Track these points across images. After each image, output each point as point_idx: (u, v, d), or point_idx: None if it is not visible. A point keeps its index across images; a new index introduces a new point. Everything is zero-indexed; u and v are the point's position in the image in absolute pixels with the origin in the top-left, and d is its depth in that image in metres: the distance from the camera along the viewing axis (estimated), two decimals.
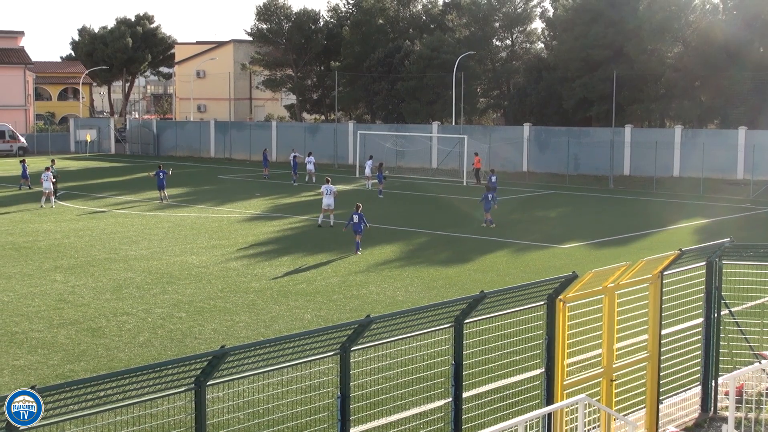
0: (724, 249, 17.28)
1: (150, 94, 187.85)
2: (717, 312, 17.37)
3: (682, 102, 78.24)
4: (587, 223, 47.79)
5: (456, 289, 30.13)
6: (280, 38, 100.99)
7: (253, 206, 53.34)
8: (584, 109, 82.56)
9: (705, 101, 79.90)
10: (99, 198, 56.96)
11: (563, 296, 14.37)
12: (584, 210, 54.04)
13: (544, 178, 71.67)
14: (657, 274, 16.18)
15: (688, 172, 68.79)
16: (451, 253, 37.81)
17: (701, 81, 78.18)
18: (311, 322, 25.49)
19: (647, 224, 46.59)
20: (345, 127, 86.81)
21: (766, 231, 44.49)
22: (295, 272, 32.92)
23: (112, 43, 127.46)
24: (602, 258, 35.92)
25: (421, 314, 12.91)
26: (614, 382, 15.55)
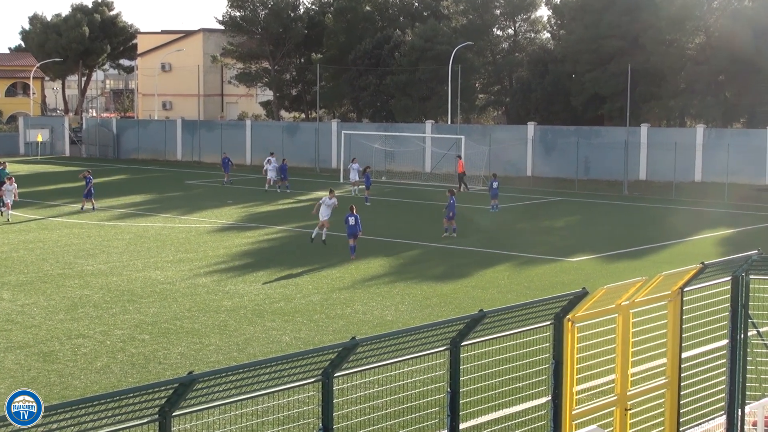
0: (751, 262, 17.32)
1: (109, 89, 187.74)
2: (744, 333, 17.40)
3: (705, 98, 78.49)
4: (599, 233, 47.88)
5: (452, 307, 30.14)
6: (256, 27, 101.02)
7: (224, 215, 53.30)
8: (595, 106, 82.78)
9: (730, 98, 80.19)
10: (52, 206, 56.87)
11: (572, 315, 14.39)
12: (595, 219, 54.14)
13: (551, 183, 71.81)
14: (677, 291, 16.20)
15: (711, 176, 68.97)
16: (446, 268, 37.82)
17: (726, 75, 78.47)
18: (290, 345, 25.47)
19: (666, 235, 46.69)
20: (328, 127, 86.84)
21: None
22: (272, 289, 32.89)
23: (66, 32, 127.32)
24: (615, 273, 35.97)
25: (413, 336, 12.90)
26: (629, 411, 15.55)
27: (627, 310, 15.29)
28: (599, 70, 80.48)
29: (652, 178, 71.41)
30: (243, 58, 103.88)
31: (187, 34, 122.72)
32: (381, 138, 79.57)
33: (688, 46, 79.99)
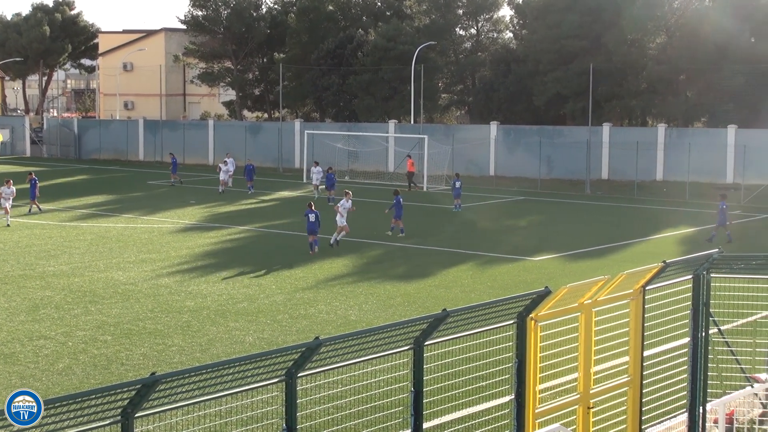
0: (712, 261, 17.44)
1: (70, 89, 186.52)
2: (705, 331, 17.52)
3: (666, 98, 78.98)
4: (561, 232, 48.07)
5: (415, 307, 30.18)
6: (218, 26, 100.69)
7: (187, 215, 53.12)
8: (558, 105, 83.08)
9: (691, 97, 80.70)
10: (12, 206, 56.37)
11: (535, 314, 14.44)
12: (558, 218, 54.35)
13: (514, 182, 72.02)
14: (638, 290, 16.30)
15: (672, 175, 69.42)
16: (410, 267, 37.87)
17: (687, 75, 78.98)
18: (253, 345, 25.42)
19: (628, 234, 46.94)
20: (291, 127, 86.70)
21: (758, 240, 44.99)
22: (235, 289, 32.82)
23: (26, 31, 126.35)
24: (578, 272, 36.13)
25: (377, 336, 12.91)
26: (592, 409, 15.63)
27: (589, 308, 15.36)
28: (561, 69, 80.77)
29: (614, 177, 71.79)
30: (205, 58, 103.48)
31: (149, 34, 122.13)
32: (344, 138, 79.52)
33: (649, 46, 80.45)
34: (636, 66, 79.26)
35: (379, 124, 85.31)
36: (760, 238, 46.16)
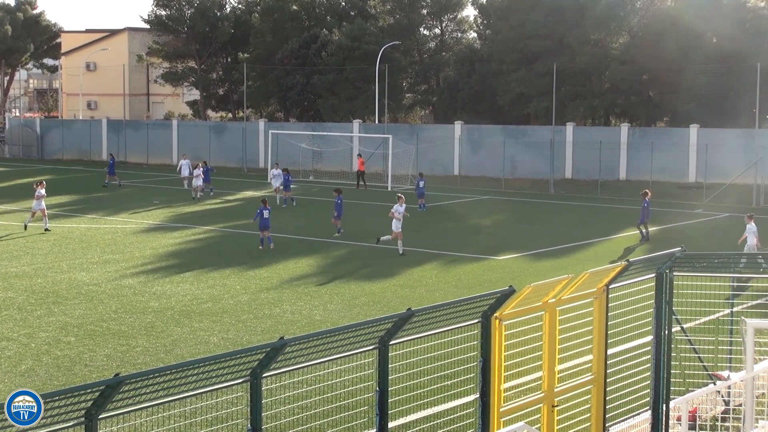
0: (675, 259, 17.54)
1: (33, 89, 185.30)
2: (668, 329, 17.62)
3: (629, 98, 79.37)
4: (525, 232, 48.21)
5: (380, 306, 30.19)
6: (181, 26, 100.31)
7: (151, 216, 52.90)
8: (521, 105, 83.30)
9: (654, 97, 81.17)
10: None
11: (499, 313, 14.47)
12: (522, 217, 54.52)
13: (478, 182, 72.16)
14: (602, 288, 16.37)
15: (635, 174, 69.80)
16: (374, 267, 37.87)
17: (649, 75, 79.38)
18: (218, 345, 25.35)
19: (591, 233, 47.14)
20: (255, 126, 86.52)
21: (720, 239, 45.25)
22: (199, 290, 32.71)
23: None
24: (542, 271, 36.25)
25: (342, 335, 12.90)
26: (556, 407, 15.68)
27: (553, 307, 15.42)
28: (525, 69, 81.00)
29: (578, 176, 72.08)
30: (169, 58, 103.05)
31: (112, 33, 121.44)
32: (308, 137, 79.43)
33: (612, 46, 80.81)
34: (599, 66, 79.61)
35: (344, 123, 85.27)
36: (721, 236, 46.43)
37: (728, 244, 42.09)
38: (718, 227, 50.37)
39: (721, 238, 45.58)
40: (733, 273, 18.99)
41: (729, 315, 19.52)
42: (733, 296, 19.56)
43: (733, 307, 19.52)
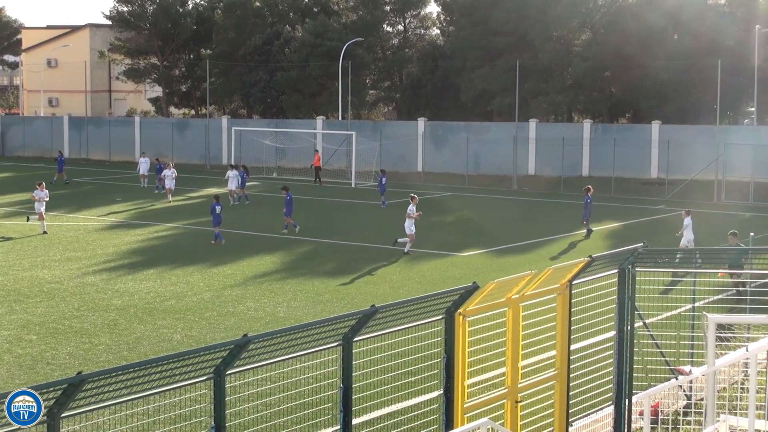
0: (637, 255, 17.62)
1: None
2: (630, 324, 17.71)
3: (591, 94, 79.76)
4: (489, 228, 48.34)
5: (344, 303, 30.19)
6: (144, 22, 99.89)
7: (113, 213, 52.63)
8: (485, 102, 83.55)
9: (616, 93, 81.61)
10: None
11: (463, 310, 14.50)
12: (485, 214, 54.65)
13: (441, 178, 72.26)
14: (565, 284, 16.43)
15: (598, 171, 70.13)
16: (338, 264, 37.86)
17: (612, 71, 79.83)
18: (181, 343, 25.27)
19: (554, 229, 47.32)
20: (218, 123, 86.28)
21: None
22: (163, 287, 32.59)
23: None
24: (505, 267, 36.36)
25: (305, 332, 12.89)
26: (519, 403, 15.73)
27: (517, 303, 15.46)
28: (488, 66, 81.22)
29: (541, 173, 72.30)
30: (131, 54, 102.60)
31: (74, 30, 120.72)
32: (272, 134, 79.31)
33: (575, 43, 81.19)
34: (562, 62, 79.94)
35: (307, 120, 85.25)
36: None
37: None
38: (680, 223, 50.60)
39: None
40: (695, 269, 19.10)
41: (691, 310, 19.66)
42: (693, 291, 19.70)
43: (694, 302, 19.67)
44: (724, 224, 49.53)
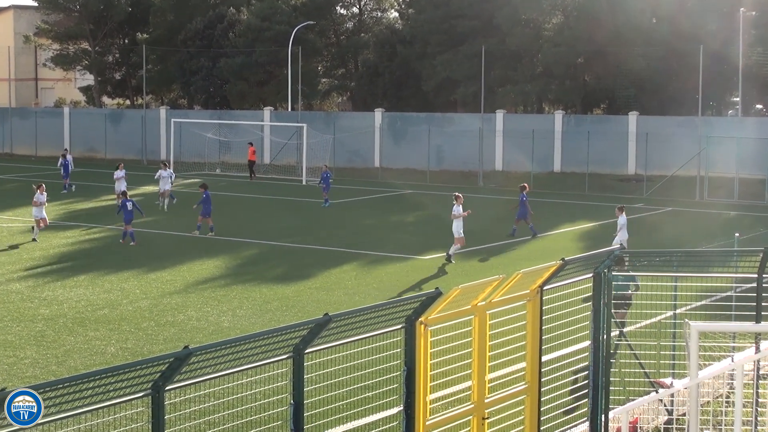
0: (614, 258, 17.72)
1: None
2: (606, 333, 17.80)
3: (563, 83, 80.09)
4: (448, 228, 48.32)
5: (295, 311, 30.16)
6: (73, 3, 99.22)
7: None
8: (448, 91, 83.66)
9: (590, 82, 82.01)
10: None
11: (425, 318, 14.52)
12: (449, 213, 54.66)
13: (401, 174, 72.27)
14: (536, 290, 16.49)
15: (570, 166, 70.41)
16: (288, 268, 37.83)
17: (585, 58, 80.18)
18: (115, 356, 25.15)
19: (524, 230, 47.44)
20: (156, 114, 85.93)
21: (662, 235, 45.84)
22: (95, 295, 32.42)
23: None
24: (471, 271, 36.45)
25: (252, 344, 12.86)
26: (487, 420, 15.77)
27: (483, 311, 15.50)
28: (451, 52, 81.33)
29: (509, 168, 72.44)
30: (59, 39, 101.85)
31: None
32: (214, 127, 79.05)
33: (545, 27, 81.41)
34: (531, 48, 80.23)
35: (254, 111, 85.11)
36: (661, 232, 47.04)
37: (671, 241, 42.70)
38: (660, 222, 50.98)
39: (663, 235, 46.18)
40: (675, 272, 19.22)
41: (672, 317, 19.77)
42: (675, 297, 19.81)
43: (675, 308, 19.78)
44: (707, 224, 49.95)
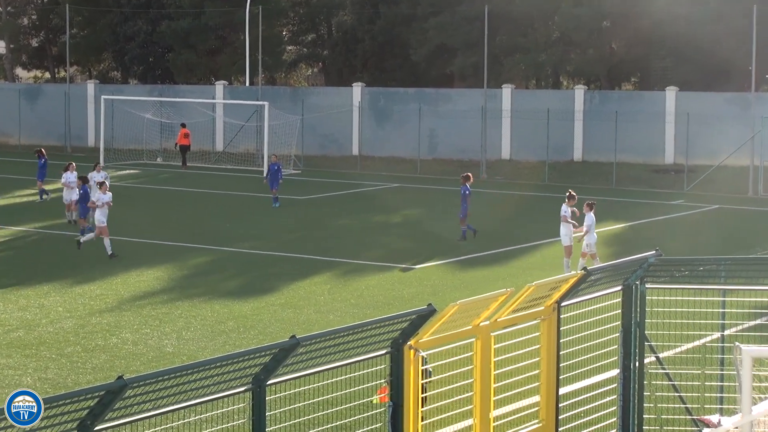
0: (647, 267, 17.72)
1: None
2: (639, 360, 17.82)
3: (585, 51, 79.99)
4: (449, 231, 48.32)
5: (254, 333, 30.14)
6: None
7: None
8: (443, 62, 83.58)
9: (618, 50, 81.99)
10: None
11: (415, 341, 14.52)
12: (444, 212, 54.66)
13: (385, 164, 72.15)
14: (552, 306, 16.50)
15: (594, 154, 70.30)
16: (246, 280, 37.79)
17: (612, 21, 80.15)
18: (33, 388, 25.05)
19: (536, 232, 47.38)
20: (82, 90, 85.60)
21: (707, 239, 45.84)
22: (7, 313, 32.36)
23: None
24: (472, 283, 36.46)
25: (202, 374, 12.86)
26: None
27: (487, 332, 15.50)
28: (446, 13, 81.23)
29: (518, 157, 72.32)
30: None
31: None
32: (155, 105, 78.77)
33: None
34: (545, 9, 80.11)
35: (203, 86, 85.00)
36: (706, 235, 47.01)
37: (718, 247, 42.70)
38: (704, 223, 51.04)
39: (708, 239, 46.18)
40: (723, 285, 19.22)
41: (719, 340, 19.77)
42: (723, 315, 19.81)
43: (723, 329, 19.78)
44: (762, 225, 50.04)
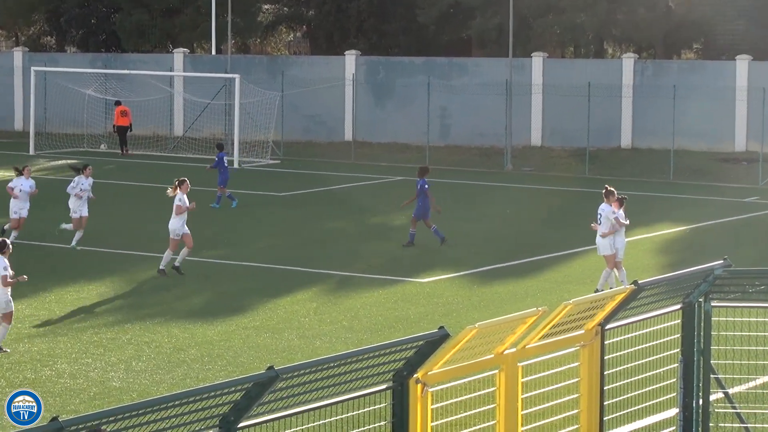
0: (713, 280, 17.73)
1: None
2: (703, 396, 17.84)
3: (635, 12, 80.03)
4: (465, 235, 48.32)
5: (221, 364, 30.16)
6: None
7: None
8: (457, 25, 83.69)
9: (676, 10, 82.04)
10: None
11: (423, 374, 14.54)
12: (459, 211, 54.68)
13: (386, 152, 72.24)
14: (593, 329, 16.51)
15: (646, 139, 70.33)
16: (211, 297, 37.84)
17: None
18: None
19: (571, 236, 47.33)
20: (8, 60, 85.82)
21: None
22: None
23: None
24: (493, 301, 36.47)
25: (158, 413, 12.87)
26: None
27: (514, 362, 15.51)
28: None
29: (551, 143, 72.36)
30: None
31: None
32: (98, 79, 78.80)
33: None
34: None
35: (158, 55, 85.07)
36: None
37: None
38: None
39: None
40: None
41: None
42: None
43: None
44: None
